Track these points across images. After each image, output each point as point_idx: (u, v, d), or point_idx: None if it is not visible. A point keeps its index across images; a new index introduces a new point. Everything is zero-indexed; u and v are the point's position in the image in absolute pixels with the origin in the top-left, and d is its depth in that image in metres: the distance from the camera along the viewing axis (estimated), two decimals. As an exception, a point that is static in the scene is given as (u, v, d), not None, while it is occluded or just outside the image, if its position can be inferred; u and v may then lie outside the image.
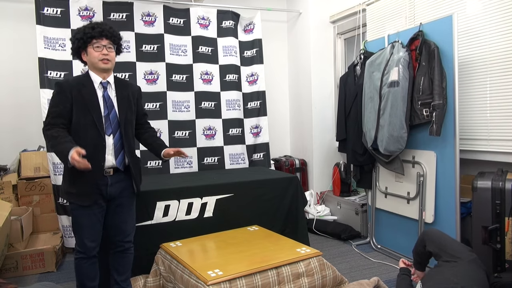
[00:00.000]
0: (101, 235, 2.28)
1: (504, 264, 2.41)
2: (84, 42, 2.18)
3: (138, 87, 2.46)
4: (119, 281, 2.37)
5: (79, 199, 2.17)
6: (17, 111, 3.82)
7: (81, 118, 2.16)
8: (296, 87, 4.82)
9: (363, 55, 3.60)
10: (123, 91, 2.30)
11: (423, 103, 2.88)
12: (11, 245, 3.03)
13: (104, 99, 2.22)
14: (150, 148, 2.50)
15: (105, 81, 2.24)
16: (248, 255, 2.40)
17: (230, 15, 4.20)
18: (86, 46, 2.18)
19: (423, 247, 2.17)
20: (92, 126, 2.17)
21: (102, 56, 2.18)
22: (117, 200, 2.28)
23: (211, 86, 4.06)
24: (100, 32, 2.17)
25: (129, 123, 2.30)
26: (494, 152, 2.80)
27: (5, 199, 3.29)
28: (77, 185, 2.16)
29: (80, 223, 2.20)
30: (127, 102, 2.30)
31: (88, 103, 2.17)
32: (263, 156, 4.29)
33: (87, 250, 2.22)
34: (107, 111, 2.22)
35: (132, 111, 2.34)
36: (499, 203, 2.44)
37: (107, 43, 2.20)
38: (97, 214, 2.21)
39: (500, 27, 2.71)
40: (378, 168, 3.47)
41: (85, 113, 2.16)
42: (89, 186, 2.17)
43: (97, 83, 2.22)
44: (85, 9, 3.59)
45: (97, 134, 2.17)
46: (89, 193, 2.17)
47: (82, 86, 2.18)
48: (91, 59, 2.20)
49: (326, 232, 3.87)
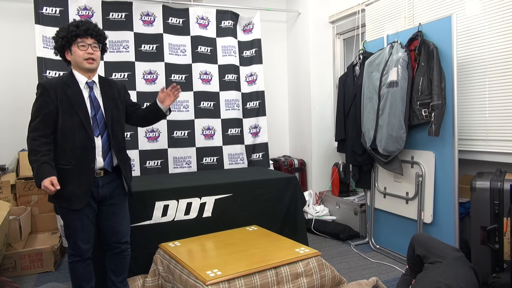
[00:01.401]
0: (94, 236, 2.25)
1: (503, 264, 2.41)
2: (68, 41, 2.12)
3: (122, 84, 2.40)
4: (116, 282, 2.36)
5: (69, 203, 2.10)
6: (16, 111, 3.82)
7: (67, 120, 2.08)
8: (295, 87, 4.82)
9: (362, 55, 3.60)
10: (108, 90, 2.25)
11: (422, 104, 2.88)
12: (9, 245, 3.03)
13: (91, 100, 2.16)
14: (148, 114, 2.42)
15: (91, 81, 2.19)
16: (247, 255, 2.40)
17: (229, 15, 4.20)
18: (71, 45, 2.13)
19: (413, 252, 2.18)
20: (79, 127, 2.10)
21: (87, 55, 2.13)
22: (108, 200, 2.24)
23: (210, 86, 4.06)
24: (85, 30, 2.11)
25: (116, 122, 2.24)
26: (492, 153, 2.80)
27: (3, 199, 3.29)
28: (67, 188, 2.07)
29: (72, 226, 2.15)
30: (112, 101, 2.25)
31: (74, 103, 2.10)
32: (262, 156, 4.29)
33: (82, 253, 2.18)
34: (94, 111, 2.16)
35: (119, 110, 2.28)
36: (498, 203, 2.44)
37: (92, 42, 2.15)
38: (88, 215, 2.17)
39: (499, 27, 2.71)
40: (377, 168, 3.48)
41: (72, 115, 2.09)
42: (79, 189, 2.10)
43: (82, 83, 2.16)
44: (84, 9, 3.58)
45: (85, 136, 2.11)
46: (79, 196, 2.10)
47: (66, 86, 2.12)
48: (75, 58, 2.14)
49: (325, 232, 3.87)
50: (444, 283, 1.79)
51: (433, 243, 2.12)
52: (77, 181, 2.10)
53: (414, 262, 2.24)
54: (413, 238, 2.22)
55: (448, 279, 1.82)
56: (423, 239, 2.17)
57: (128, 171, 2.33)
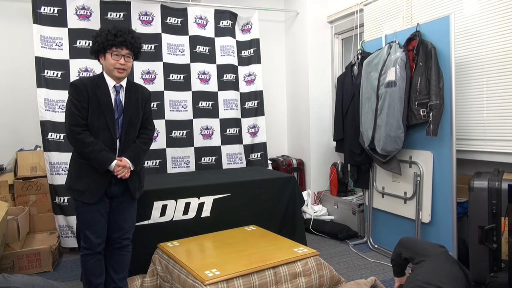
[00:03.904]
0: (106, 230, 2.30)
1: (501, 264, 2.42)
2: (104, 47, 2.19)
3: (148, 92, 2.43)
4: (116, 280, 2.37)
5: (83, 197, 2.19)
6: (14, 111, 3.81)
7: (94, 120, 2.17)
8: (293, 87, 4.83)
9: (360, 55, 3.61)
10: (132, 94, 2.30)
11: (420, 103, 2.89)
12: (7, 245, 3.02)
13: (116, 103, 2.24)
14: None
15: (119, 85, 2.25)
16: (245, 255, 2.40)
17: (228, 14, 4.20)
18: (105, 51, 2.20)
19: (400, 256, 2.19)
20: (105, 128, 2.19)
21: (119, 65, 2.19)
22: (119, 198, 2.31)
23: (208, 86, 4.06)
24: (121, 42, 2.17)
25: (132, 127, 2.30)
26: (490, 152, 2.81)
27: (1, 199, 3.28)
28: (83, 182, 2.18)
29: (85, 219, 2.23)
30: (134, 106, 2.30)
31: (102, 105, 2.18)
32: (261, 156, 4.29)
33: (93, 246, 2.24)
34: (117, 115, 2.24)
35: (138, 115, 2.33)
36: (496, 203, 2.45)
37: (126, 53, 2.21)
38: (101, 210, 2.24)
39: (497, 27, 2.72)
40: (375, 168, 3.48)
41: (99, 115, 2.18)
42: (95, 185, 2.19)
43: (111, 86, 2.23)
44: (82, 8, 3.57)
45: (109, 137, 2.21)
46: (94, 191, 2.19)
47: (97, 87, 2.19)
48: (107, 65, 2.22)
49: (323, 232, 3.88)
50: (422, 281, 1.79)
51: (416, 244, 2.14)
52: (95, 177, 2.18)
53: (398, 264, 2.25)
54: (398, 243, 2.24)
55: (426, 277, 1.81)
56: (407, 242, 2.18)
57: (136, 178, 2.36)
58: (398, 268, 2.27)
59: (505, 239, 2.38)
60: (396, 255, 2.21)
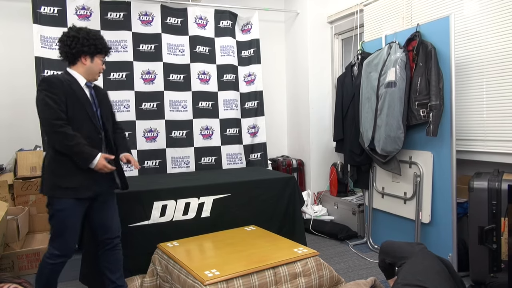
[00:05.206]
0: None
1: (500, 264, 2.42)
2: (98, 51, 2.26)
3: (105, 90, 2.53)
4: (114, 280, 2.37)
5: (77, 193, 2.14)
6: (14, 110, 3.81)
7: (76, 113, 2.16)
8: (293, 87, 4.83)
9: (360, 55, 3.61)
10: (98, 92, 2.36)
11: (420, 104, 2.89)
12: (7, 245, 3.02)
13: (92, 97, 2.28)
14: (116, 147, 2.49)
15: (89, 82, 2.30)
16: (245, 255, 2.40)
17: (228, 15, 4.20)
18: (95, 54, 2.26)
19: (384, 262, 2.19)
20: (87, 120, 2.20)
21: (102, 70, 2.33)
22: (104, 196, 2.31)
23: (208, 86, 4.06)
24: (108, 49, 2.35)
25: (108, 120, 2.36)
26: (490, 153, 2.81)
27: (1, 199, 3.28)
28: (75, 178, 2.14)
29: (67, 223, 2.15)
30: (105, 100, 2.39)
31: (81, 98, 2.19)
32: (260, 156, 4.29)
33: (69, 252, 2.21)
34: (95, 108, 2.27)
35: (109, 109, 2.42)
36: (495, 203, 2.45)
37: (105, 60, 2.37)
38: (83, 209, 2.22)
39: (497, 28, 2.72)
40: (375, 168, 3.48)
41: (80, 108, 2.18)
42: (89, 179, 2.18)
43: (82, 83, 2.26)
44: (82, 8, 3.57)
45: (93, 128, 2.22)
46: (89, 186, 2.18)
47: (70, 82, 2.20)
48: (93, 67, 2.27)
49: (323, 232, 3.88)
50: (402, 283, 1.78)
51: (395, 247, 2.13)
52: (86, 171, 2.15)
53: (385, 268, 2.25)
54: (380, 250, 2.24)
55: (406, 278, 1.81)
56: (387, 247, 2.18)
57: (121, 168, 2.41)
58: (386, 273, 2.28)
59: (505, 239, 2.38)
60: (381, 261, 2.22)
